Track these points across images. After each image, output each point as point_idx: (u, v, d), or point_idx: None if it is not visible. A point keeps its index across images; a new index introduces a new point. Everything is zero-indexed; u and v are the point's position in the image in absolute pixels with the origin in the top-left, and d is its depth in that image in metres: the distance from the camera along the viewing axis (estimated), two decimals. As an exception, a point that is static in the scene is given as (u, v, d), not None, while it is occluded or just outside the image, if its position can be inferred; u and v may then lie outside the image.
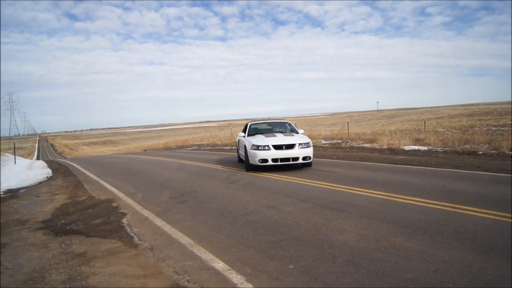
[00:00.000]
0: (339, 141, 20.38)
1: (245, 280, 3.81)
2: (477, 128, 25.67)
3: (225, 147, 25.39)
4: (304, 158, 10.88)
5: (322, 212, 6.14)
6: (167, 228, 5.88)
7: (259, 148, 10.79)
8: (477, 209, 5.74)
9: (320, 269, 3.94)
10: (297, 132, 12.57)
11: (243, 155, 12.27)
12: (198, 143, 34.44)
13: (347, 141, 19.66)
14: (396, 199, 6.68)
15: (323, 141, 21.03)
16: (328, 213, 6.06)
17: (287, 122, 13.82)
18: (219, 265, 4.23)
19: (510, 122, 16.41)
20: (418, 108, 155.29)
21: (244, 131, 13.26)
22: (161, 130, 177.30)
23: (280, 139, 11.20)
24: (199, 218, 6.31)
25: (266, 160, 10.73)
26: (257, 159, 10.75)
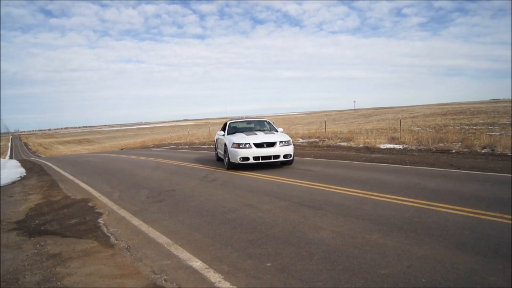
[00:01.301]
0: (317, 139, 20.55)
1: (222, 278, 3.82)
2: (450, 127, 26.29)
3: (203, 146, 25.29)
4: (285, 156, 10.94)
5: (300, 210, 6.20)
6: (144, 227, 5.84)
7: (240, 146, 10.75)
8: (449, 206, 5.88)
9: (297, 267, 3.98)
10: (276, 131, 12.54)
11: (222, 153, 12.35)
12: (175, 141, 34.22)
13: (325, 140, 19.84)
14: (372, 197, 6.79)
15: (301, 140, 21.17)
16: (305, 211, 6.12)
17: (266, 121, 13.75)
18: (197, 264, 4.23)
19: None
20: (394, 107, 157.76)
21: (224, 129, 13.11)
22: (138, 128, 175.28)
23: (261, 137, 11.21)
24: (177, 217, 6.29)
25: (247, 158, 10.70)
26: (238, 157, 10.69)
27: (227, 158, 11.40)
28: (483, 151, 12.75)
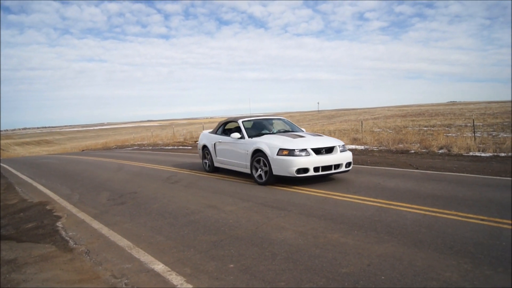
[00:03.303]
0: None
1: (185, 281, 3.78)
2: (410, 128, 27.09)
3: (167, 147, 25.00)
4: (347, 165, 8.43)
5: (263, 211, 6.22)
6: (104, 230, 5.71)
7: (295, 153, 7.87)
8: (408, 205, 6.05)
9: (260, 267, 3.99)
10: (302, 131, 10.20)
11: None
12: (138, 142, 33.65)
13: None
14: (334, 197, 6.91)
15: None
16: (269, 212, 6.15)
17: (284, 119, 11.10)
18: (159, 266, 4.17)
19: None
20: (357, 109, 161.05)
21: (224, 131, 10.67)
22: (100, 129, 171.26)
23: (313, 140, 8.51)
24: (139, 220, 6.18)
25: (306, 170, 7.83)
26: (294, 168, 7.76)
27: (259, 171, 8.55)
28: (440, 151, 13.21)
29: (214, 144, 10.54)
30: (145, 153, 21.16)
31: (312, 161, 7.85)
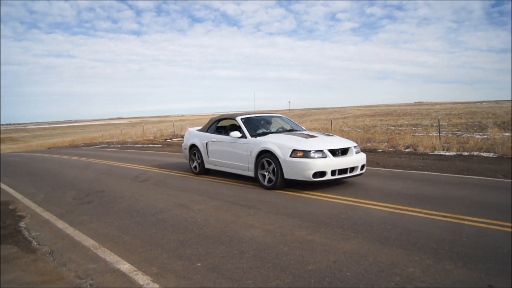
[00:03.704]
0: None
1: (151, 280, 3.74)
2: (378, 127, 27.64)
3: (136, 145, 24.66)
4: (361, 167, 7.75)
5: (232, 209, 6.22)
6: (69, 230, 5.59)
7: (310, 155, 7.07)
8: (374, 203, 6.18)
9: (227, 266, 3.99)
10: (304, 130, 9.50)
11: (203, 161, 9.59)
12: (107, 140, 33.05)
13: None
14: (303, 195, 6.97)
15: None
16: (238, 210, 6.15)
17: (283, 117, 10.16)
18: (125, 266, 4.11)
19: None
20: (327, 108, 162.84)
21: (218, 129, 9.78)
22: (68, 127, 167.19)
23: (327, 140, 7.83)
24: (105, 219, 6.07)
25: (323, 174, 7.07)
26: (311, 172, 6.97)
27: (266, 174, 7.71)
28: (406, 150, 13.54)
29: (206, 143, 9.51)
30: (114, 151, 20.80)
31: (329, 164, 7.09)
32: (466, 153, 12.03)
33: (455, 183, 7.72)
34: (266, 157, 7.64)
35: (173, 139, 26.70)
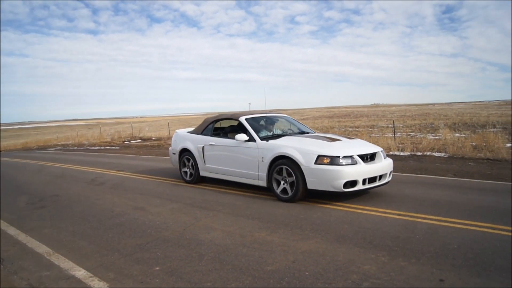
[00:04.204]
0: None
1: (108, 286, 3.66)
2: (336, 129, 28.19)
3: (93, 147, 24.03)
4: (390, 174, 6.87)
5: (191, 212, 6.18)
6: (21, 237, 5.37)
7: (340, 162, 6.06)
8: (333, 202, 6.28)
9: (186, 269, 3.96)
10: (313, 132, 8.42)
11: (198, 168, 8.41)
12: (62, 143, 32.02)
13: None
14: (262, 196, 7.01)
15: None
16: (197, 212, 6.11)
17: (287, 117, 9.06)
18: (80, 273, 4.00)
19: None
20: (287, 110, 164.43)
21: (215, 132, 8.51)
22: (20, 128, 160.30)
23: (352, 144, 6.90)
24: (60, 224, 5.88)
25: (354, 183, 6.09)
26: (342, 181, 5.95)
27: (282, 184, 6.62)
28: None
29: (203, 148, 8.24)
30: (69, 154, 20.17)
31: (361, 171, 6.13)
32: (419, 153, 12.47)
33: (409, 182, 7.99)
34: (282, 164, 6.54)
35: (131, 141, 26.19)
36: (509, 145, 12.71)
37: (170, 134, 25.70)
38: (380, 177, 6.52)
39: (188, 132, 9.09)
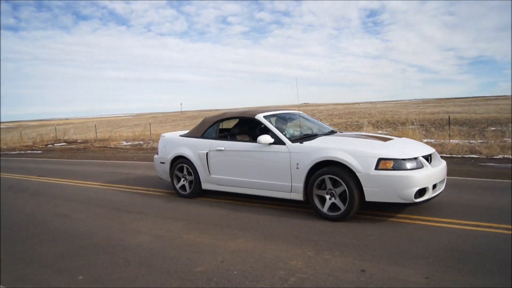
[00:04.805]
0: (141, 142, 20.17)
1: (25, 300, 3.45)
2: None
3: (12, 152, 22.49)
4: (445, 180, 5.75)
5: (118, 216, 5.99)
6: None
7: (406, 166, 4.94)
8: (261, 201, 6.35)
9: (112, 276, 3.82)
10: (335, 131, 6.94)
11: (199, 179, 6.78)
12: (-24, 148, 29.64)
13: (149, 142, 19.61)
14: (190, 197, 6.95)
15: (124, 143, 20.52)
16: (124, 217, 5.93)
17: (303, 114, 7.36)
18: (-6, 287, 3.74)
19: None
20: (219, 110, 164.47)
21: (220, 133, 6.94)
22: None
23: (406, 143, 5.87)
24: (-29, 237, 5.45)
25: (423, 191, 4.96)
26: (413, 190, 4.81)
27: (328, 197, 5.28)
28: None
29: (207, 154, 6.64)
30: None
31: (431, 176, 5.05)
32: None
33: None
34: (328, 171, 5.21)
35: (55, 145, 24.85)
36: (425, 140, 13.63)
37: (98, 136, 24.73)
38: (442, 182, 5.50)
39: (181, 135, 7.47)
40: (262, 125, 6.36)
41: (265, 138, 5.79)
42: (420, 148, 5.55)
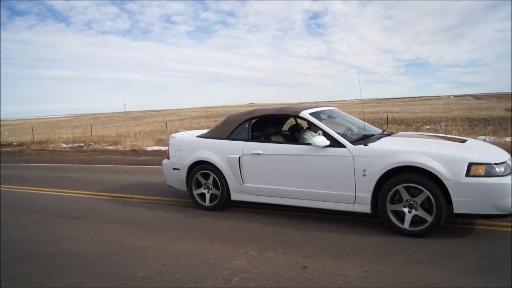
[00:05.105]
0: (82, 144, 19.43)
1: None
2: (213, 127, 28.49)
3: None
4: None
5: (57, 222, 5.73)
6: None
7: (498, 171, 4.23)
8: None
9: (47, 286, 3.65)
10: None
11: (228, 188, 5.73)
12: None
13: (90, 144, 18.93)
14: (135, 200, 6.81)
15: (64, 145, 19.66)
16: (63, 222, 5.69)
17: (337, 110, 6.47)
18: None
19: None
20: (164, 110, 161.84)
21: (253, 133, 5.89)
22: None
23: (484, 145, 5.24)
24: None
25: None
26: (510, 200, 4.14)
27: (407, 211, 4.45)
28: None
29: (239, 158, 5.58)
30: None
31: None
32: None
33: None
34: (404, 179, 4.41)
35: (-14, 149, 23.37)
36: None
37: (35, 138, 23.54)
38: None
39: (199, 136, 6.33)
40: (304, 125, 5.73)
41: (321, 140, 4.87)
42: (497, 151, 4.86)
